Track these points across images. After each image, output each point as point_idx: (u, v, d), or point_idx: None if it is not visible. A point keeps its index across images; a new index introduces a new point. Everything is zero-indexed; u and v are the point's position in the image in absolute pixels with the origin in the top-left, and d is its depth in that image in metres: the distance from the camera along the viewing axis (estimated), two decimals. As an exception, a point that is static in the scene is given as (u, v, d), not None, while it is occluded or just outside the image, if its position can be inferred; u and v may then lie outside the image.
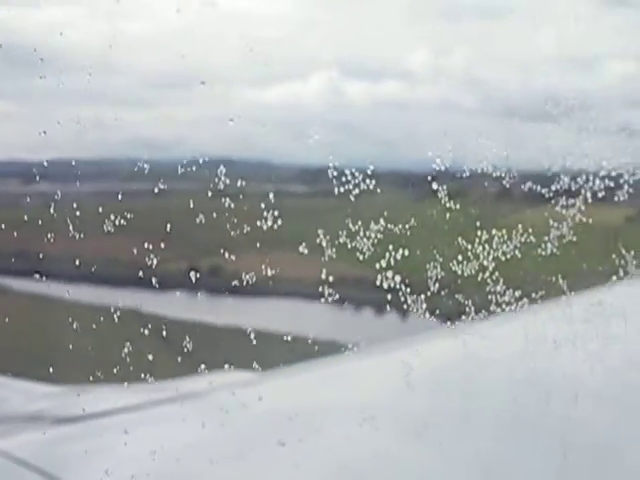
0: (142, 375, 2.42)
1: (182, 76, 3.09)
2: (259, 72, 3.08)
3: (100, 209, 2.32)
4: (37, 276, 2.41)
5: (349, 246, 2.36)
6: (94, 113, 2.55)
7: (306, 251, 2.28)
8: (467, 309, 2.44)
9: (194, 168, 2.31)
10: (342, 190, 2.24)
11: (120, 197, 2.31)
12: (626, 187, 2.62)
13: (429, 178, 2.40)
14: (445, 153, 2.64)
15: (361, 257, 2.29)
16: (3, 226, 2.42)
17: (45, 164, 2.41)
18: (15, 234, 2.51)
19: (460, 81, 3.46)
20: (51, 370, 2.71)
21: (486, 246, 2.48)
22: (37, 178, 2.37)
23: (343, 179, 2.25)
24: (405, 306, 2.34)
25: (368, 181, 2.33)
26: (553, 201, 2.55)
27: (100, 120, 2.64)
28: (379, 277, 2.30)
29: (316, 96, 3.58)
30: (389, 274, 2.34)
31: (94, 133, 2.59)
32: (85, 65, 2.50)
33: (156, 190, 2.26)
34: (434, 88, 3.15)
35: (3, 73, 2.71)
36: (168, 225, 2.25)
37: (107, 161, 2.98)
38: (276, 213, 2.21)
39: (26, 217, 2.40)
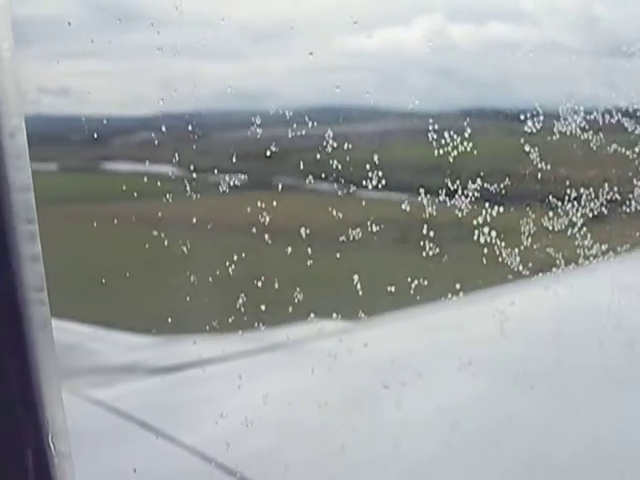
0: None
1: (277, 26, 3.18)
2: (359, 19, 3.13)
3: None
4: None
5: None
6: (186, 68, 2.66)
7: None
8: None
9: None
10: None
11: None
12: None
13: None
14: (545, 93, 2.69)
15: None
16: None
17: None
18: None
19: (569, 21, 3.47)
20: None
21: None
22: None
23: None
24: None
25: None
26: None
27: (192, 74, 2.76)
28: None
29: (418, 41, 3.63)
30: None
31: (190, 87, 2.71)
32: (176, 19, 2.61)
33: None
34: (542, 29, 3.16)
35: (94, 30, 2.83)
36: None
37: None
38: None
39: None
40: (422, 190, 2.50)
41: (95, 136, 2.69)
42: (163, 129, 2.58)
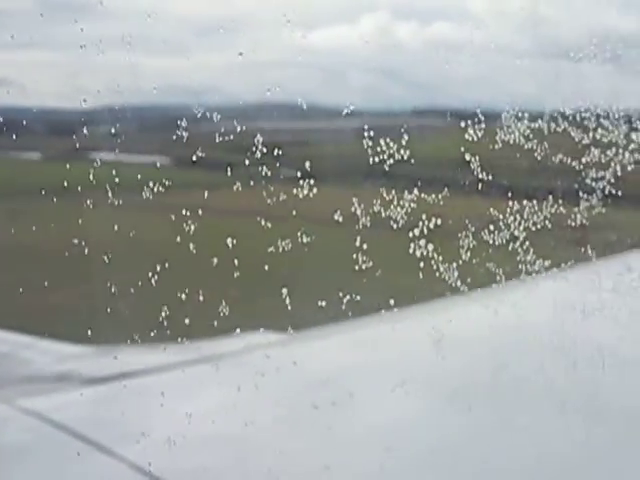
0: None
1: (220, 21, 3.19)
2: (305, 16, 3.16)
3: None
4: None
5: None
6: (127, 61, 2.67)
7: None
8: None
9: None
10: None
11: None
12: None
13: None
14: (482, 95, 2.73)
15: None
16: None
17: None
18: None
19: (514, 23, 3.51)
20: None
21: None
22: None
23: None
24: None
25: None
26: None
27: (136, 67, 2.77)
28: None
29: (364, 39, 3.66)
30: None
31: (130, 80, 2.72)
32: (121, 12, 2.62)
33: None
34: (487, 30, 3.20)
35: (39, 21, 2.83)
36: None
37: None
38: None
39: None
40: (353, 192, 2.53)
41: (34, 128, 2.69)
42: (103, 122, 2.59)
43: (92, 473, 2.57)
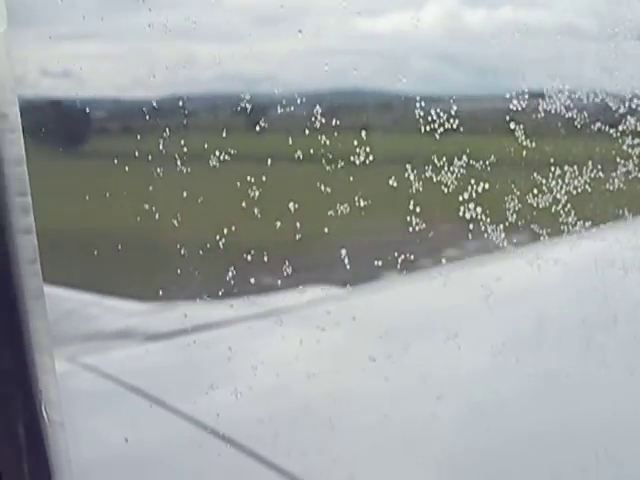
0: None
1: (279, 8, 3.26)
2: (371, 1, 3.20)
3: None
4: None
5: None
6: (187, 50, 2.74)
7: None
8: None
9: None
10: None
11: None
12: None
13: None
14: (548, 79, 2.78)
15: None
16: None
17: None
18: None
19: (583, 6, 3.54)
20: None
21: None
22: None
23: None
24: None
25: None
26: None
27: (193, 57, 2.84)
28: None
29: (430, 25, 3.70)
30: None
31: (187, 70, 2.79)
32: (177, 1, 2.69)
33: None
34: (555, 13, 3.23)
35: (96, 11, 2.92)
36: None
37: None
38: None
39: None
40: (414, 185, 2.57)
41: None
42: (162, 112, 2.66)
43: (146, 425, 2.65)
